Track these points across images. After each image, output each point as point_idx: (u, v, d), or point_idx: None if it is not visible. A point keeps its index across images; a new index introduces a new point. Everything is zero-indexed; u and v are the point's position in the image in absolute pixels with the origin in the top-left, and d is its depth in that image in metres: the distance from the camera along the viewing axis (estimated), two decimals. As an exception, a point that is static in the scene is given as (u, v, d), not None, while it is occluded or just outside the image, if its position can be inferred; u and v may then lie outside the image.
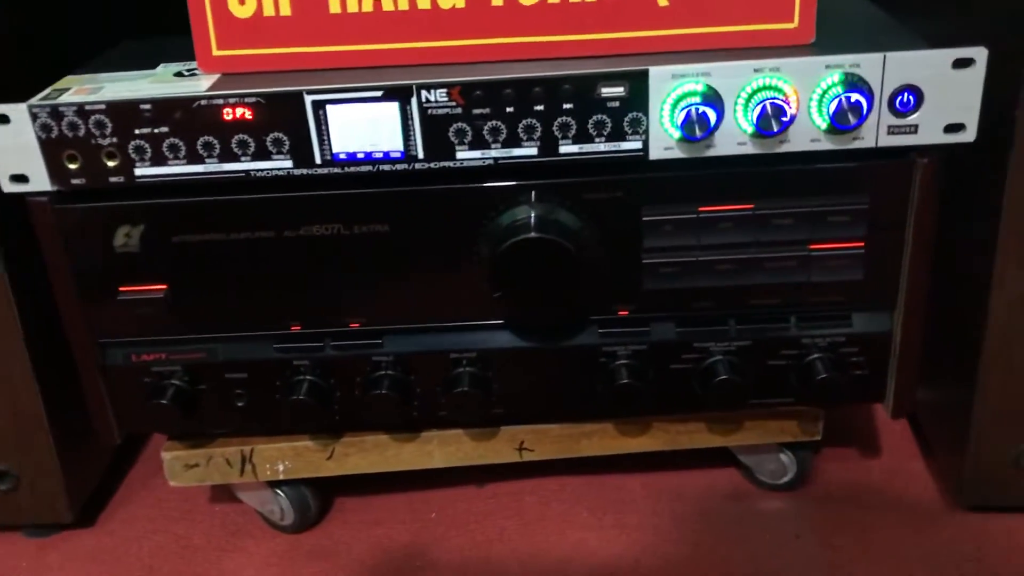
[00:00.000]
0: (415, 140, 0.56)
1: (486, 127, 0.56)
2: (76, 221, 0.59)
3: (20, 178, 0.58)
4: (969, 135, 0.55)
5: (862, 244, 0.58)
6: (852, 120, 0.53)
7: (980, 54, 0.53)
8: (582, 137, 0.56)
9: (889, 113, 0.54)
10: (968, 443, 0.64)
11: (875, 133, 0.55)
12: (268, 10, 0.58)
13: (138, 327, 0.62)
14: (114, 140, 0.56)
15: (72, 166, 0.57)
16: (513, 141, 0.56)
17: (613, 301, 0.61)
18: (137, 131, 0.56)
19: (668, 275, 0.59)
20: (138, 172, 0.57)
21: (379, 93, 0.55)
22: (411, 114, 0.56)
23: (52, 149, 0.57)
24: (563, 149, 0.56)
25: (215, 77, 0.59)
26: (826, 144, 0.55)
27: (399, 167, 0.57)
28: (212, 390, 0.64)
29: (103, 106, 0.56)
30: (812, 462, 0.73)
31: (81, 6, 0.72)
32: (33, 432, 0.67)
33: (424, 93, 0.55)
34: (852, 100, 0.53)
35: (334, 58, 0.58)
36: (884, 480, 0.73)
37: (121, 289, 0.60)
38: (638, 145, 0.56)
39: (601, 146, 0.56)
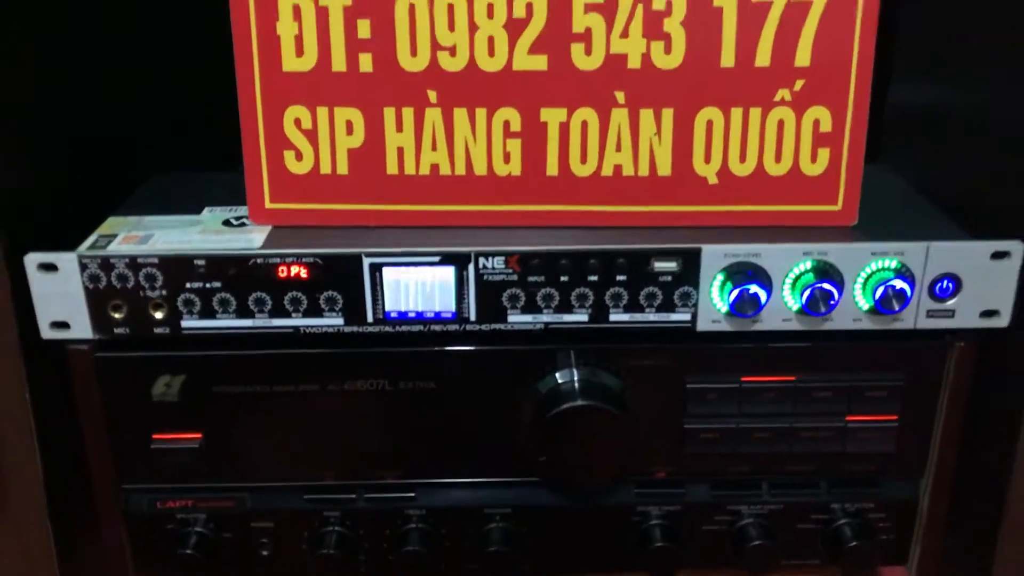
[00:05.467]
0: (468, 302, 0.57)
1: (539, 293, 0.57)
2: (115, 370, 0.58)
3: (61, 325, 0.57)
4: (1003, 321, 0.57)
5: (896, 418, 0.60)
6: (896, 306, 0.55)
7: (1016, 247, 0.56)
8: (633, 307, 0.57)
9: (929, 298, 0.57)
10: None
11: (914, 316, 0.57)
12: (325, 168, 0.58)
13: (167, 474, 0.60)
14: (163, 293, 0.56)
15: (116, 315, 0.57)
16: (565, 307, 0.57)
17: (652, 463, 0.61)
18: (188, 285, 0.56)
19: (708, 440, 0.60)
20: (184, 324, 0.57)
21: (437, 258, 0.56)
22: (467, 278, 0.56)
23: (98, 298, 0.56)
24: (613, 317, 0.57)
25: (266, 229, 0.59)
26: (868, 324, 0.57)
27: (450, 327, 0.58)
28: (237, 539, 0.62)
29: (155, 259, 0.55)
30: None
31: (110, 143, 0.72)
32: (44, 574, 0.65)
33: (482, 260, 0.56)
34: (897, 288, 0.55)
35: (387, 217, 0.59)
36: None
37: (155, 437, 0.59)
38: (687, 317, 0.57)
39: (651, 316, 0.57)
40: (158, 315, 0.57)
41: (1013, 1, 0.61)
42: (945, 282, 0.56)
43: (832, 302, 0.55)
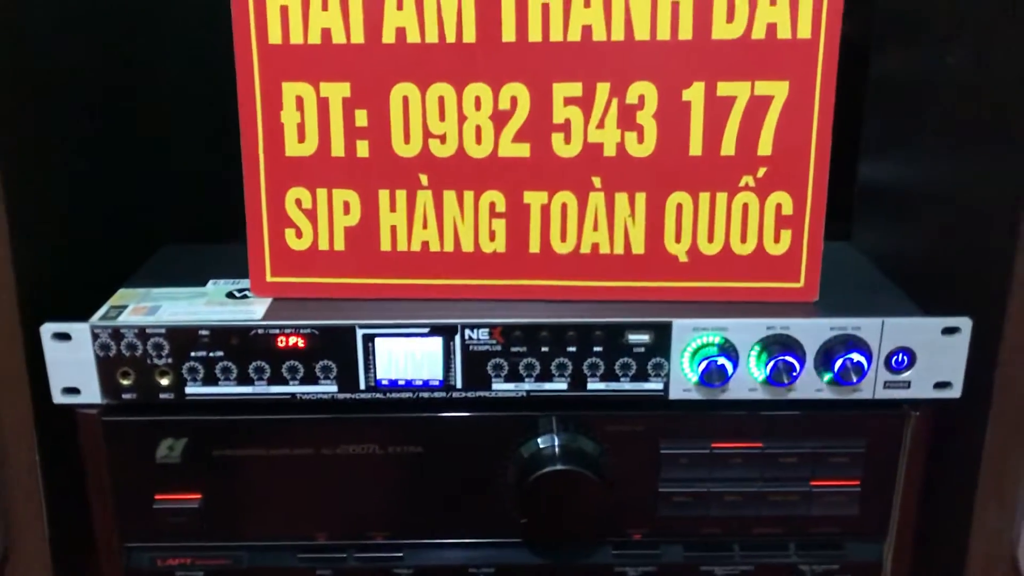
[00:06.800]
0: (455, 371, 0.61)
1: (522, 363, 0.61)
2: (122, 433, 0.61)
3: (72, 390, 0.60)
4: (955, 392, 0.61)
5: (858, 483, 0.63)
6: (854, 378, 0.59)
7: (965, 323, 0.60)
8: (609, 376, 0.61)
9: (885, 370, 0.60)
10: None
11: (872, 387, 0.61)
12: (323, 244, 0.63)
13: (168, 533, 0.63)
14: (169, 361, 0.60)
15: (125, 382, 0.60)
16: (545, 376, 0.61)
17: (628, 524, 0.65)
18: (193, 353, 0.60)
19: (681, 503, 0.64)
20: (188, 390, 0.60)
21: (426, 330, 0.60)
22: (454, 349, 0.60)
23: (108, 365, 0.60)
24: (591, 385, 0.61)
25: (267, 301, 0.63)
26: (829, 394, 0.61)
27: (437, 394, 0.61)
28: (233, 596, 0.65)
29: (163, 330, 0.59)
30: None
31: (119, 214, 0.76)
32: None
33: (468, 332, 0.60)
34: (854, 360, 0.59)
35: (381, 290, 0.63)
36: None
37: (157, 497, 0.62)
38: (659, 386, 0.61)
39: (626, 385, 0.61)
40: (164, 382, 0.60)
41: (958, 88, 0.67)
42: (900, 355, 0.60)
43: (794, 374, 0.59)
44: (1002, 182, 0.61)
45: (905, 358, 0.60)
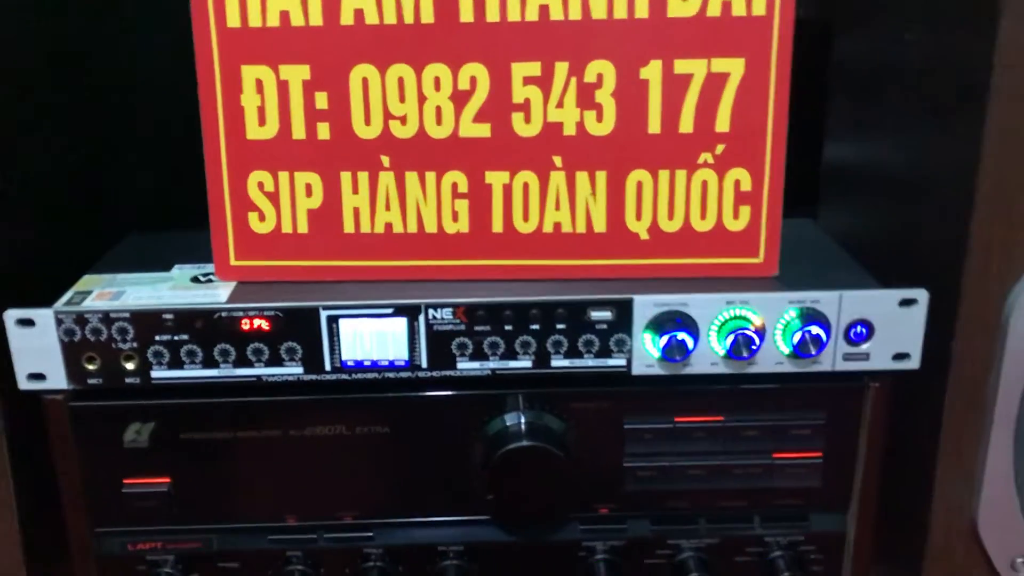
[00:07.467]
0: (420, 351, 0.61)
1: (486, 342, 0.61)
2: (89, 418, 0.61)
3: (38, 376, 0.60)
4: (914, 363, 0.62)
5: (820, 454, 0.64)
6: (813, 350, 0.60)
7: (922, 295, 0.61)
8: (572, 353, 0.62)
9: (844, 342, 0.61)
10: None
11: (832, 359, 0.62)
12: (286, 227, 0.63)
13: (138, 518, 0.64)
14: (134, 345, 0.60)
15: (90, 367, 0.60)
16: (510, 355, 0.61)
17: (594, 500, 0.65)
18: (157, 337, 0.60)
19: (646, 478, 0.64)
20: (154, 374, 0.61)
21: (390, 310, 0.60)
22: (418, 329, 0.61)
23: (73, 351, 0.60)
24: (555, 363, 0.62)
25: (232, 284, 0.63)
26: (789, 367, 0.62)
27: (403, 375, 0.62)
28: (204, 579, 0.66)
29: (127, 314, 0.60)
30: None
31: (85, 202, 0.76)
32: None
33: (431, 312, 0.60)
34: (813, 333, 0.60)
35: (345, 272, 0.64)
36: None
37: (126, 482, 0.63)
38: (622, 362, 0.62)
39: (589, 361, 0.62)
40: (129, 366, 0.61)
41: (915, 66, 0.67)
42: (859, 327, 0.61)
43: (753, 347, 0.60)
44: (957, 158, 0.62)
45: (864, 330, 0.61)
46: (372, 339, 0.61)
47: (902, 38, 0.70)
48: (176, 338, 0.60)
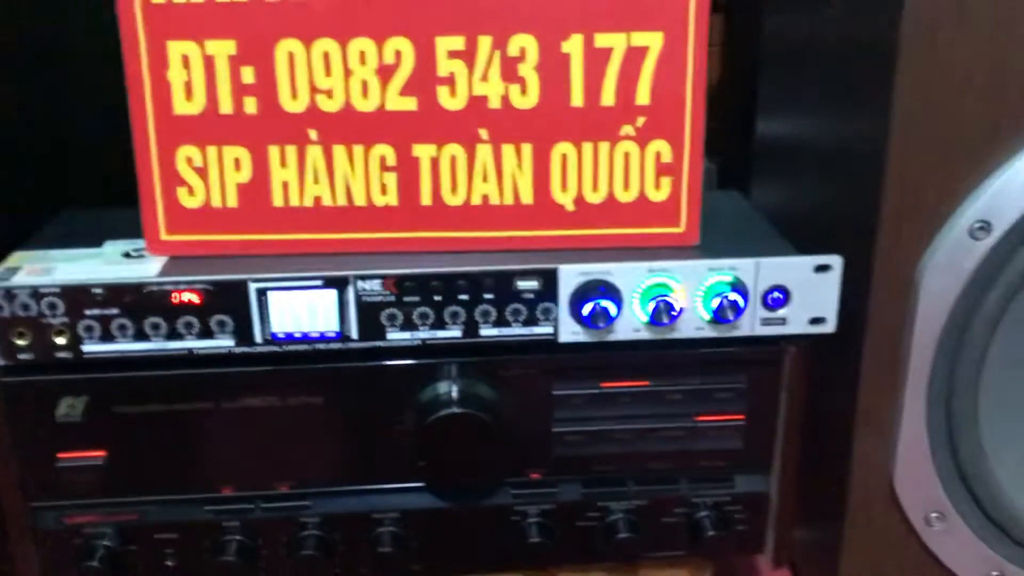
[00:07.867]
0: (350, 322, 0.62)
1: (415, 313, 0.62)
2: (21, 393, 0.62)
3: (-32, 352, 0.61)
4: (830, 327, 0.64)
5: (742, 417, 0.66)
6: (731, 316, 0.62)
7: (836, 261, 0.63)
8: (501, 322, 0.63)
9: (762, 308, 0.63)
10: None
11: (751, 324, 0.64)
12: (215, 201, 0.64)
13: (73, 491, 0.64)
14: (65, 320, 0.60)
15: (20, 342, 0.61)
16: (439, 325, 0.63)
17: (525, 465, 0.67)
18: (87, 312, 0.60)
19: (575, 443, 0.66)
20: (85, 349, 0.61)
21: (319, 282, 0.61)
22: (347, 300, 0.62)
23: (2, 327, 0.60)
24: (483, 332, 0.63)
25: (163, 259, 0.64)
26: (709, 332, 0.64)
27: (334, 346, 0.63)
28: (143, 551, 0.66)
29: (57, 289, 0.60)
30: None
31: (17, 177, 0.76)
32: (-46, 594, 0.68)
33: (360, 283, 0.61)
34: (731, 299, 0.62)
35: (276, 245, 0.64)
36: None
37: (59, 456, 0.63)
38: (549, 330, 0.63)
39: (517, 330, 0.63)
40: (60, 341, 0.61)
41: (832, 41, 0.69)
42: (776, 293, 0.63)
43: (674, 314, 0.62)
44: (870, 130, 0.64)
45: (781, 296, 0.63)
46: (302, 311, 0.62)
47: (824, 12, 0.72)
48: (106, 312, 0.61)
